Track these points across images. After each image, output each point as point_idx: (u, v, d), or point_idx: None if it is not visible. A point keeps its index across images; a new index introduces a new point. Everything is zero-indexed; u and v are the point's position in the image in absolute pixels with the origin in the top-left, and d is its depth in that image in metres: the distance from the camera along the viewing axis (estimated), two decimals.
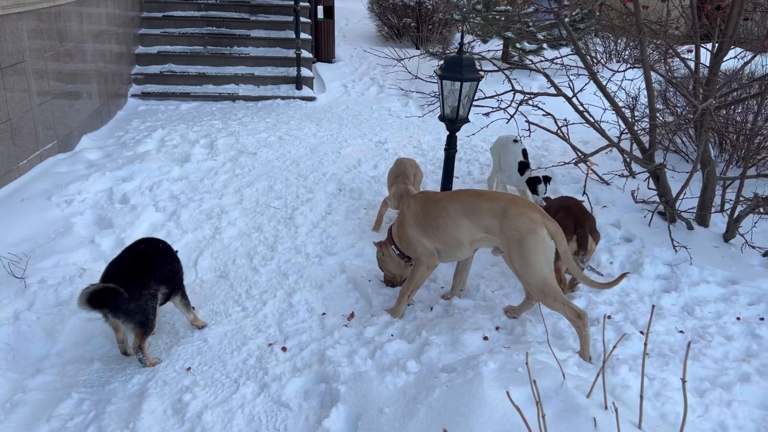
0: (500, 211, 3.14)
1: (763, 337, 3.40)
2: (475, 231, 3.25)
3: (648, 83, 4.33)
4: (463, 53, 3.89)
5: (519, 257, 3.09)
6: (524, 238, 3.06)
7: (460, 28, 12.02)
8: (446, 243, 3.37)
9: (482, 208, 3.21)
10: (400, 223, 3.54)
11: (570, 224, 3.69)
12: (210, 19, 9.60)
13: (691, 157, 5.84)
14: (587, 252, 3.70)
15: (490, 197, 3.28)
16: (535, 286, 3.12)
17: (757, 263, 4.19)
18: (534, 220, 3.07)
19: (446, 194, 3.49)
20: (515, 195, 3.50)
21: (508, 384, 2.58)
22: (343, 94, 9.29)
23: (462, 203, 3.29)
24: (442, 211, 3.33)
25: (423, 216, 3.40)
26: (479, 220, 3.22)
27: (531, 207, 3.16)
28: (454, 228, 3.29)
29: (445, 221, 3.32)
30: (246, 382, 3.05)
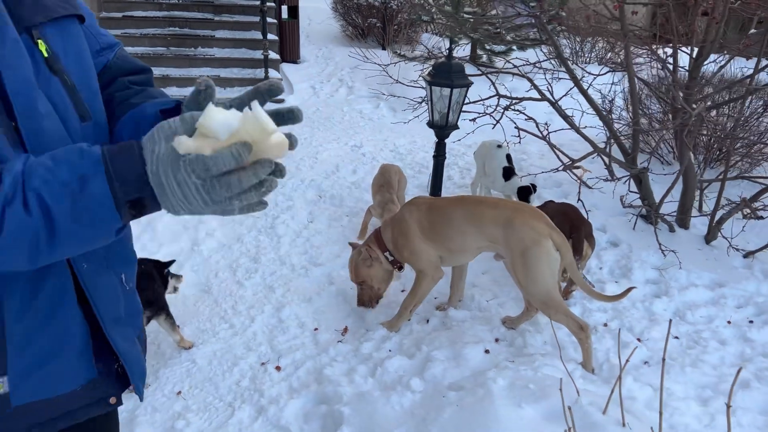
0: (504, 221, 3.09)
1: (755, 341, 3.44)
2: (480, 239, 3.21)
3: (632, 88, 4.34)
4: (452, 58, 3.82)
5: (523, 268, 3.04)
6: (528, 249, 3.01)
7: (426, 29, 12.00)
8: (452, 250, 3.31)
9: (486, 217, 3.15)
10: (402, 233, 3.36)
11: (565, 229, 3.67)
12: (173, 19, 9.30)
13: (666, 159, 5.91)
14: (582, 257, 3.69)
15: (494, 205, 3.21)
16: (537, 297, 3.07)
17: (740, 265, 4.24)
18: (539, 231, 3.02)
19: (449, 201, 3.41)
20: (520, 203, 3.44)
21: (520, 401, 2.52)
22: (312, 96, 9.13)
23: (466, 211, 3.22)
24: (446, 219, 3.26)
25: (428, 224, 3.30)
26: (484, 228, 3.17)
27: (536, 217, 3.11)
28: (459, 236, 3.23)
29: (450, 229, 3.24)
30: (241, 405, 2.91)
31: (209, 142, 0.89)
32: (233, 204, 0.91)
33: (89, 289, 1.16)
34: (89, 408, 1.26)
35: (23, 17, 1.05)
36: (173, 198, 0.91)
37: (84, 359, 1.20)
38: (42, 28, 1.08)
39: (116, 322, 1.25)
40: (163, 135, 0.92)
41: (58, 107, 1.07)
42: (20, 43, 1.02)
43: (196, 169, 0.87)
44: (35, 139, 1.02)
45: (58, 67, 1.09)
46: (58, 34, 1.12)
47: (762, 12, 4.22)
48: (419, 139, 7.04)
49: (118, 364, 1.29)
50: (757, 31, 4.56)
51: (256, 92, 1.02)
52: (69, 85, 1.11)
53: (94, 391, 1.25)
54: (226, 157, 0.87)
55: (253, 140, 0.89)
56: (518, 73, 4.65)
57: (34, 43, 1.06)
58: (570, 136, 5.24)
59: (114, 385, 1.30)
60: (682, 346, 3.38)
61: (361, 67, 9.16)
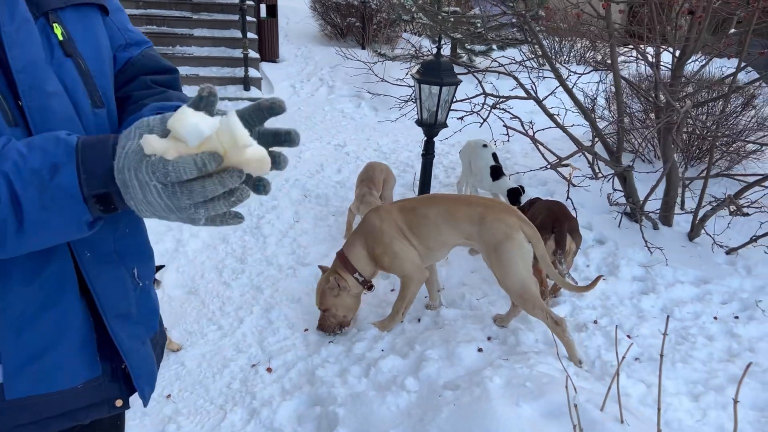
0: (478, 218, 3.12)
1: (741, 336, 3.48)
2: (456, 237, 3.23)
3: (617, 87, 4.37)
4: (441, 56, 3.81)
5: (497, 263, 3.08)
6: (501, 243, 3.06)
7: (406, 28, 11.99)
8: (431, 248, 3.29)
9: (460, 215, 3.17)
10: (377, 242, 3.25)
11: (548, 223, 3.71)
12: (150, 17, 9.14)
13: (648, 158, 5.98)
14: (565, 252, 3.70)
15: (467, 202, 3.24)
16: (514, 291, 3.11)
17: (723, 261, 4.30)
18: (510, 225, 3.07)
19: (418, 201, 3.38)
20: (491, 199, 3.43)
21: (518, 400, 2.51)
22: (292, 95, 9.06)
23: (440, 209, 3.22)
24: (422, 218, 3.24)
25: (405, 225, 3.26)
26: (459, 226, 3.19)
27: (507, 211, 3.16)
28: (437, 233, 3.23)
29: (428, 228, 3.23)
30: (233, 408, 2.86)
31: (178, 146, 0.84)
32: (198, 212, 0.87)
33: (91, 279, 1.12)
34: (92, 409, 1.20)
35: (41, 2, 1.05)
36: (135, 198, 0.88)
37: (85, 354, 1.15)
38: (60, 13, 1.08)
39: (123, 318, 1.21)
40: (139, 132, 0.89)
41: (69, 89, 1.06)
42: (31, 23, 1.01)
43: (156, 171, 0.83)
44: (41, 118, 1.01)
45: (72, 51, 1.08)
46: (77, 21, 1.11)
47: (742, 12, 4.28)
48: (402, 138, 7.03)
49: (125, 364, 1.23)
50: (737, 31, 4.63)
51: (257, 108, 0.99)
52: (83, 69, 1.10)
53: (98, 391, 1.20)
54: (188, 164, 0.82)
55: (225, 151, 0.84)
56: (504, 72, 4.66)
57: (50, 25, 1.05)
58: (553, 135, 5.27)
59: (121, 387, 1.25)
60: (671, 342, 3.40)
61: (341, 66, 9.13)
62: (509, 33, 9.01)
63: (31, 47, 1.00)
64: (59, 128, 0.98)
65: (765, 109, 5.89)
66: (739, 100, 5.67)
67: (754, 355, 3.31)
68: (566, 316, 3.60)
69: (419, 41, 10.20)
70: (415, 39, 10.86)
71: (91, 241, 1.10)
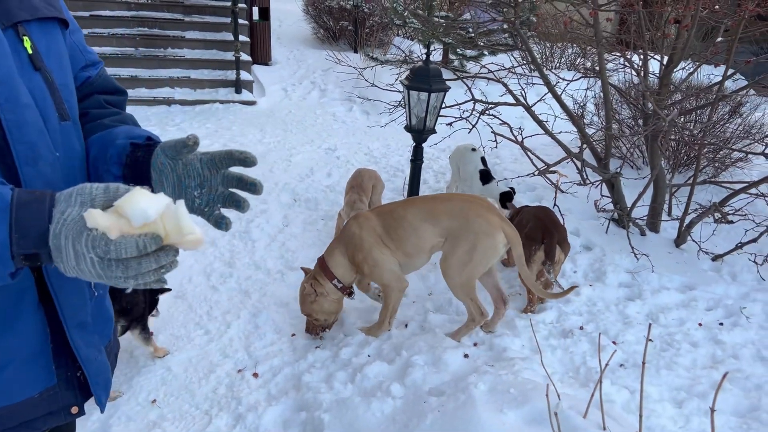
0: (459, 213, 3.16)
1: (725, 343, 3.51)
2: (435, 235, 3.22)
3: (606, 95, 4.41)
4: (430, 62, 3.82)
5: (466, 255, 3.12)
6: (480, 241, 3.10)
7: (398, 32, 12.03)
8: (409, 255, 3.28)
9: (441, 211, 3.19)
10: (358, 248, 3.24)
11: (538, 234, 3.70)
12: (142, 19, 9.14)
13: (635, 164, 6.02)
14: (554, 263, 3.72)
15: (446, 198, 3.28)
16: (458, 280, 3.19)
17: (708, 268, 4.34)
18: (493, 224, 3.12)
19: (396, 204, 3.37)
20: (472, 195, 3.46)
21: (502, 406, 2.53)
22: (284, 98, 9.06)
23: (419, 208, 3.23)
24: (400, 221, 3.23)
25: (383, 231, 3.25)
26: (438, 223, 3.19)
27: (489, 209, 3.20)
28: (415, 236, 3.22)
29: (406, 231, 3.22)
30: (218, 413, 2.86)
31: (120, 223, 0.87)
32: (128, 282, 0.90)
33: (55, 289, 1.13)
34: (49, 418, 1.22)
35: (10, 12, 1.06)
36: (66, 263, 0.90)
37: (41, 364, 1.16)
38: (26, 26, 1.09)
39: (81, 327, 1.22)
40: (80, 199, 0.91)
41: (38, 102, 1.07)
42: (2, 37, 1.02)
43: (96, 247, 0.86)
44: (18, 130, 1.03)
45: (41, 65, 1.10)
46: (42, 34, 1.13)
47: (728, 21, 4.33)
48: (393, 143, 7.05)
49: (80, 372, 1.24)
50: (724, 39, 4.68)
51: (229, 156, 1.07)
52: (50, 82, 1.11)
53: (55, 399, 1.21)
54: (130, 246, 0.86)
55: (166, 234, 0.89)
56: (493, 78, 4.68)
57: (19, 39, 1.07)
58: (542, 141, 5.30)
59: (76, 394, 1.26)
60: (655, 348, 3.43)
61: (334, 69, 9.15)
62: (500, 39, 9.05)
63: (5, 60, 1.01)
64: (34, 140, 1.02)
65: (752, 116, 5.95)
66: (726, 107, 5.72)
67: (737, 361, 3.35)
68: (552, 321, 3.63)
69: (411, 45, 10.24)
70: (407, 43, 10.88)
71: None
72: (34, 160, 1.05)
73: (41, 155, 1.06)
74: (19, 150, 1.03)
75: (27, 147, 1.04)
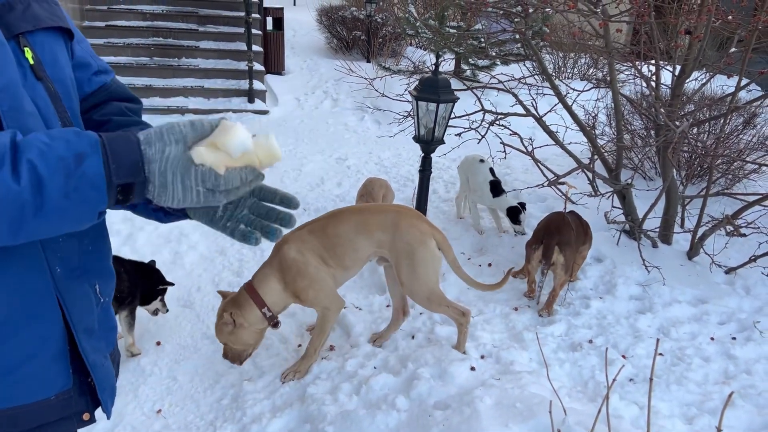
0: (391, 224, 3.11)
1: (738, 358, 3.45)
2: (372, 246, 3.14)
3: (616, 105, 4.37)
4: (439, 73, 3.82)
5: (409, 268, 3.09)
6: (415, 250, 3.08)
7: (410, 42, 12.06)
8: (347, 267, 3.16)
9: (374, 224, 3.12)
10: (301, 274, 3.00)
11: (540, 234, 3.84)
12: (156, 29, 9.24)
13: (648, 175, 5.97)
14: (549, 264, 3.73)
15: (377, 210, 3.21)
16: (421, 295, 3.16)
17: (722, 281, 4.28)
18: (424, 232, 3.10)
19: (327, 219, 3.16)
20: (400, 205, 3.40)
21: (507, 421, 2.50)
22: (296, 108, 9.10)
23: (351, 222, 3.12)
24: (336, 238, 3.07)
25: (323, 249, 3.06)
26: (373, 236, 3.12)
27: (419, 218, 3.20)
28: (352, 249, 3.11)
29: (344, 247, 3.08)
30: (223, 424, 2.85)
31: (222, 157, 0.99)
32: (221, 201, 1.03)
33: (61, 292, 1.14)
34: (62, 423, 1.22)
35: (12, 24, 1.09)
36: (171, 195, 0.99)
37: (60, 366, 1.18)
38: (30, 36, 1.12)
39: (88, 333, 1.23)
40: (174, 138, 0.98)
41: (42, 111, 1.10)
42: (6, 46, 1.05)
43: (206, 181, 0.99)
44: None
45: (43, 74, 1.12)
46: (45, 44, 1.15)
47: (742, 31, 4.28)
48: (404, 153, 7.05)
49: (90, 379, 1.25)
50: (738, 49, 4.63)
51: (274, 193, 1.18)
52: (52, 91, 1.13)
53: (69, 404, 1.22)
54: (235, 179, 1.01)
55: (259, 162, 1.04)
56: (503, 88, 4.66)
57: (20, 49, 1.09)
58: (553, 151, 5.28)
59: (88, 401, 1.27)
60: (666, 363, 3.38)
61: (345, 80, 9.18)
62: (512, 48, 9.03)
63: (8, 69, 1.04)
64: None
65: (766, 128, 5.87)
66: (740, 119, 5.65)
67: (750, 377, 3.29)
68: (561, 334, 3.59)
69: (423, 56, 10.25)
70: (419, 53, 10.90)
71: (61, 257, 1.13)
72: None
73: None
74: None
75: None
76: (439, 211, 5.37)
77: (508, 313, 3.79)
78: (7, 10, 1.09)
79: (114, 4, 9.27)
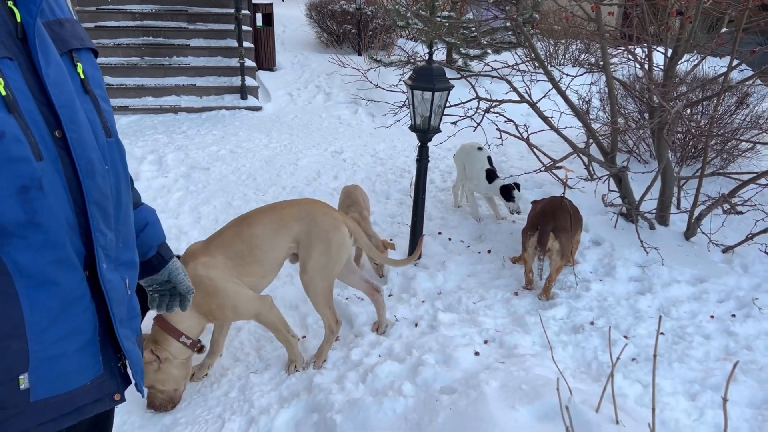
0: (306, 215, 3.07)
1: (738, 334, 3.48)
2: (289, 242, 3.05)
3: (610, 89, 4.39)
4: (433, 62, 3.83)
5: (323, 257, 3.06)
6: (332, 238, 3.07)
7: (401, 34, 12.04)
8: (265, 272, 3.02)
9: (288, 217, 3.05)
10: (211, 294, 2.85)
11: (536, 221, 3.89)
12: (146, 29, 9.20)
13: (643, 158, 6.00)
14: (545, 250, 3.76)
15: (289, 205, 3.13)
16: (320, 287, 3.11)
17: (719, 260, 4.31)
18: (337, 219, 3.11)
19: (236, 225, 3.02)
20: (310, 199, 3.33)
21: (513, 403, 2.52)
22: (289, 103, 9.09)
23: (267, 220, 3.01)
24: (251, 240, 2.95)
25: (235, 261, 2.93)
26: (288, 230, 3.04)
27: (330, 207, 3.19)
28: (272, 250, 3.00)
29: (262, 249, 2.96)
30: (231, 416, 2.87)
31: None
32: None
33: (106, 286, 1.27)
34: (96, 404, 1.34)
35: (65, 41, 1.22)
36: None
37: (91, 354, 1.29)
38: (77, 53, 1.25)
39: (121, 322, 1.35)
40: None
41: (91, 122, 1.23)
42: (62, 64, 1.18)
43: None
44: (80, 147, 1.18)
45: (90, 88, 1.26)
46: (88, 60, 1.29)
47: (733, 11, 4.30)
48: (399, 144, 7.05)
49: (121, 363, 1.38)
50: (728, 30, 4.65)
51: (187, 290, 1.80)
52: (97, 104, 1.27)
53: (101, 387, 1.34)
54: None
55: None
56: (497, 75, 4.67)
57: (73, 65, 1.23)
58: (548, 137, 5.30)
59: (118, 382, 1.38)
60: (667, 341, 3.41)
61: (338, 73, 9.18)
62: (503, 36, 9.04)
63: (67, 85, 1.17)
64: (91, 156, 1.20)
65: (759, 106, 5.91)
66: (733, 98, 5.68)
67: (751, 353, 3.32)
68: (563, 317, 3.62)
69: (414, 47, 10.25)
70: (410, 45, 10.90)
71: (107, 254, 1.27)
72: (92, 173, 1.20)
73: (96, 169, 1.22)
74: (81, 164, 1.17)
75: (87, 162, 1.19)
76: (437, 201, 5.39)
77: (509, 298, 3.82)
78: (59, 27, 1.21)
79: (103, 5, 9.22)
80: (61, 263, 1.16)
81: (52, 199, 1.12)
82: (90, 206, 1.20)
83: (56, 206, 1.13)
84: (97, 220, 1.22)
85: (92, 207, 1.21)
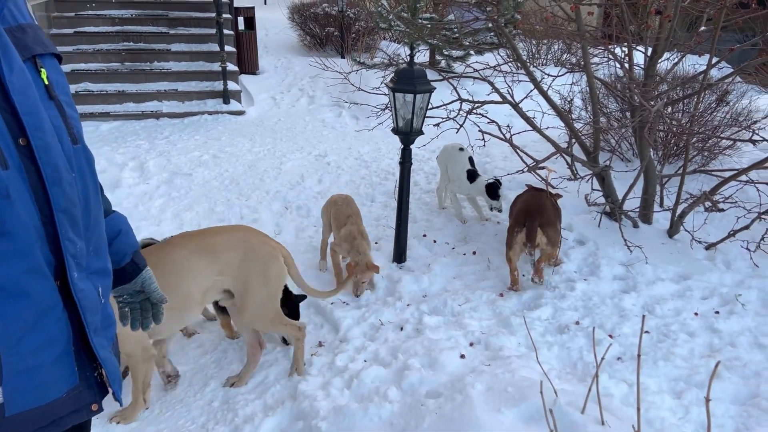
0: (242, 243, 2.87)
1: (722, 331, 3.50)
2: (213, 274, 2.78)
3: (591, 88, 4.40)
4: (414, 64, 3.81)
5: (262, 289, 2.91)
6: (270, 267, 2.92)
7: (384, 36, 12.03)
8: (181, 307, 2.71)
9: (220, 244, 2.82)
10: None
11: (521, 218, 3.86)
12: (126, 34, 9.11)
13: (625, 156, 6.02)
14: (534, 245, 3.77)
15: (218, 231, 2.96)
16: (267, 316, 2.99)
17: (702, 257, 4.33)
18: (274, 248, 2.98)
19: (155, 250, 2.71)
20: (243, 225, 3.21)
21: (499, 405, 2.51)
22: (273, 107, 9.05)
23: (191, 247, 2.75)
24: (164, 264, 2.60)
25: None
26: (218, 258, 2.79)
27: (266, 235, 3.06)
28: (188, 280, 2.70)
29: (176, 276, 2.66)
30: (215, 426, 2.83)
31: None
32: None
33: (78, 295, 1.24)
34: (73, 416, 1.33)
35: (28, 47, 1.19)
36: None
37: (66, 365, 1.27)
38: (41, 59, 1.22)
39: (96, 331, 1.33)
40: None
41: (56, 128, 1.20)
42: (26, 70, 1.15)
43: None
44: (45, 154, 1.15)
45: (54, 94, 1.23)
46: (52, 66, 1.26)
47: (711, 9, 4.33)
48: (383, 146, 7.04)
49: (97, 372, 1.36)
50: (707, 28, 4.68)
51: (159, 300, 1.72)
52: (62, 110, 1.25)
53: (78, 398, 1.32)
54: None
55: None
56: (479, 77, 4.67)
57: (37, 71, 1.20)
58: (531, 138, 5.30)
59: (95, 392, 1.37)
60: (652, 340, 3.42)
61: (321, 76, 9.14)
62: (485, 37, 9.06)
63: (32, 92, 1.14)
64: (57, 163, 1.17)
65: (738, 104, 5.96)
66: (713, 96, 5.72)
67: (735, 349, 3.34)
68: (548, 318, 3.62)
69: (397, 49, 10.24)
70: (393, 47, 10.89)
71: (78, 263, 1.25)
72: (59, 181, 1.18)
73: (63, 176, 1.19)
74: (47, 172, 1.15)
75: (53, 169, 1.16)
76: (422, 203, 5.38)
77: (494, 299, 3.81)
78: (22, 33, 1.19)
79: (82, 11, 9.12)
80: (32, 273, 1.14)
81: (19, 207, 1.10)
82: (57, 214, 1.18)
83: (24, 215, 1.11)
84: (65, 229, 1.20)
85: (60, 215, 1.18)
